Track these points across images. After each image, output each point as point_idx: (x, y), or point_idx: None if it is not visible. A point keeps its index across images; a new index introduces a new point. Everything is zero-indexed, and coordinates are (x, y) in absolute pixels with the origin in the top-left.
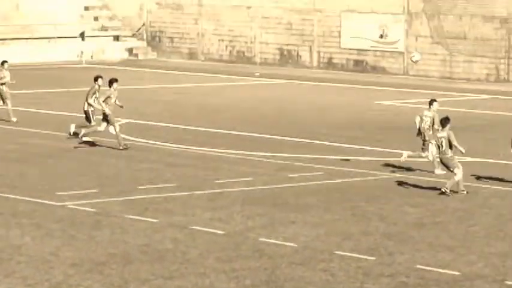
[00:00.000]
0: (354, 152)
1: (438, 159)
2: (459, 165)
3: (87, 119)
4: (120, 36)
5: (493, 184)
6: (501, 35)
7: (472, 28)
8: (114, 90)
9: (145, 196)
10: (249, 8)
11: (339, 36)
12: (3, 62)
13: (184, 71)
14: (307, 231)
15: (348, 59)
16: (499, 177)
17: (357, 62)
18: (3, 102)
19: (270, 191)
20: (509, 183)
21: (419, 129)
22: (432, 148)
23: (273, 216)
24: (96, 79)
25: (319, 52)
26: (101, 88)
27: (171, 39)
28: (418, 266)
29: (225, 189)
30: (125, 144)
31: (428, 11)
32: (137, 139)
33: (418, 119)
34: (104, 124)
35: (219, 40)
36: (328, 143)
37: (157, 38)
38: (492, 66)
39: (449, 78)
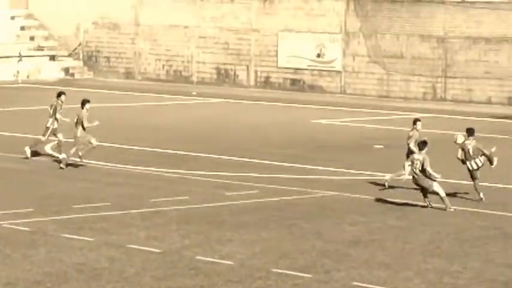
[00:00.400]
0: (291, 171)
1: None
2: (434, 183)
3: (54, 134)
4: (57, 55)
5: (431, 202)
6: (438, 54)
7: (409, 47)
8: (87, 111)
9: (81, 215)
10: (186, 27)
11: (276, 56)
12: None
13: (121, 91)
14: (244, 249)
15: (285, 78)
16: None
17: (294, 81)
18: None
19: (207, 209)
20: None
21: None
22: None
23: (210, 235)
24: (59, 95)
25: (256, 71)
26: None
27: (108, 58)
28: (355, 283)
29: (161, 208)
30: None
31: (366, 30)
32: (74, 158)
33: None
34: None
35: (156, 60)
36: (265, 162)
37: (93, 58)
38: (429, 85)
39: (386, 97)
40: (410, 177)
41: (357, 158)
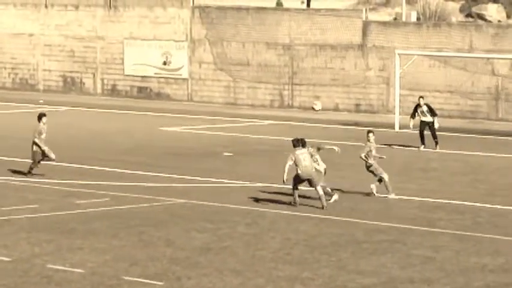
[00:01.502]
0: (139, 178)
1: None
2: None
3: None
4: None
5: (278, 208)
6: (284, 61)
7: (256, 54)
8: (44, 124)
9: None
10: (31, 35)
11: (123, 63)
12: None
13: None
14: (95, 257)
15: (132, 86)
16: (284, 201)
17: (141, 89)
18: None
19: (57, 217)
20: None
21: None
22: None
23: (60, 243)
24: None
25: (102, 79)
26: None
27: None
28: None
29: (10, 216)
30: None
31: (211, 37)
32: None
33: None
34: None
35: (1, 67)
36: (113, 169)
37: None
38: (276, 92)
39: (233, 104)
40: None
41: (206, 165)
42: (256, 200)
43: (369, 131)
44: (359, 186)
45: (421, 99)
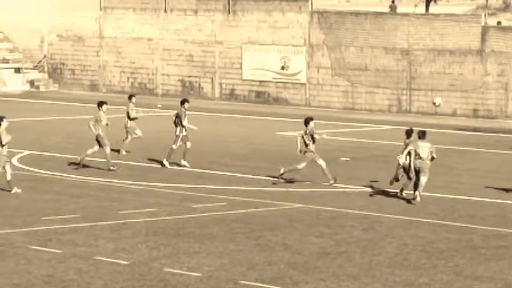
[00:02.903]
0: (257, 183)
1: None
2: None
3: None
4: (21, 68)
5: (396, 213)
6: (402, 66)
7: (374, 59)
8: (103, 112)
9: (49, 227)
10: (149, 40)
11: (241, 68)
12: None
13: (85, 103)
14: (212, 261)
15: (250, 91)
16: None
17: (259, 94)
18: None
19: (174, 221)
20: (411, 212)
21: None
22: None
23: (177, 246)
24: (183, 103)
25: (221, 84)
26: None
27: (73, 71)
28: None
29: (128, 220)
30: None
31: (329, 42)
32: (41, 170)
33: None
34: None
35: (120, 72)
36: (231, 174)
37: (58, 70)
38: (394, 97)
39: (351, 109)
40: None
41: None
42: (373, 205)
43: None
44: (475, 192)
45: None
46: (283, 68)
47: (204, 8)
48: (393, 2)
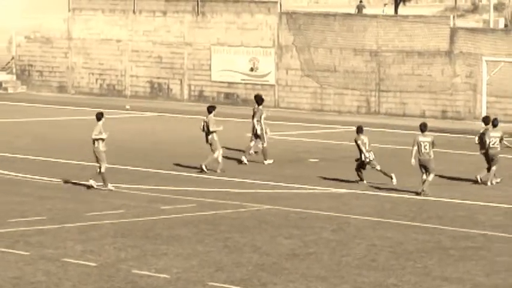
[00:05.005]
0: (226, 184)
1: None
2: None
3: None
4: None
5: (365, 215)
6: (371, 68)
7: (343, 61)
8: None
9: (16, 229)
10: (118, 41)
11: (210, 69)
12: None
13: (54, 105)
14: (180, 262)
15: (218, 92)
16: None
17: (228, 95)
18: None
19: (142, 223)
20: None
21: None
22: None
23: (145, 248)
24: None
25: (189, 85)
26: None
27: (41, 72)
28: None
29: (96, 222)
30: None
31: (298, 44)
32: (11, 173)
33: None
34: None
35: (89, 73)
36: (200, 175)
37: (26, 72)
38: (363, 98)
39: (320, 110)
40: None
41: (291, 171)
42: (342, 206)
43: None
44: (444, 193)
45: None
46: (252, 69)
47: (173, 9)
48: (361, 1)
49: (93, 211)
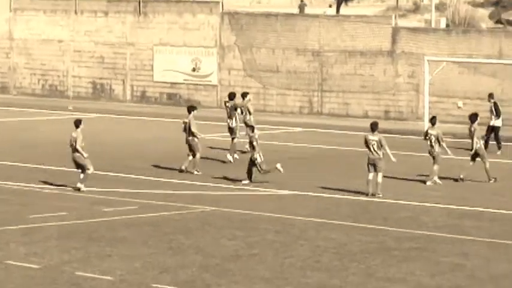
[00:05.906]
0: (169, 186)
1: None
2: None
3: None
4: None
5: (308, 216)
6: (314, 68)
7: (285, 61)
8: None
9: None
10: (60, 41)
11: (152, 70)
12: None
13: None
14: (124, 264)
15: (161, 93)
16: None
17: (171, 95)
18: None
19: (85, 225)
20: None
21: None
22: None
23: (89, 250)
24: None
25: (132, 86)
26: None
27: None
28: None
29: (39, 224)
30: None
31: (241, 44)
32: None
33: None
34: None
35: (31, 74)
36: (143, 177)
37: None
38: (305, 99)
39: (263, 111)
40: None
41: (235, 173)
42: (285, 207)
43: None
44: (388, 194)
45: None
46: (194, 69)
47: (114, 9)
48: (302, 0)
49: (36, 213)
